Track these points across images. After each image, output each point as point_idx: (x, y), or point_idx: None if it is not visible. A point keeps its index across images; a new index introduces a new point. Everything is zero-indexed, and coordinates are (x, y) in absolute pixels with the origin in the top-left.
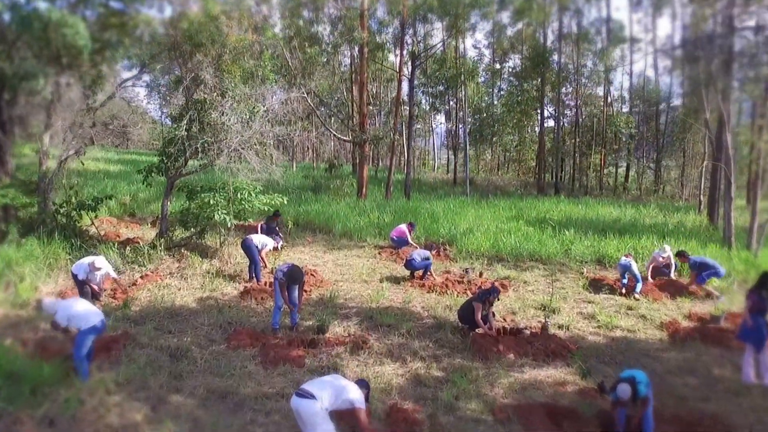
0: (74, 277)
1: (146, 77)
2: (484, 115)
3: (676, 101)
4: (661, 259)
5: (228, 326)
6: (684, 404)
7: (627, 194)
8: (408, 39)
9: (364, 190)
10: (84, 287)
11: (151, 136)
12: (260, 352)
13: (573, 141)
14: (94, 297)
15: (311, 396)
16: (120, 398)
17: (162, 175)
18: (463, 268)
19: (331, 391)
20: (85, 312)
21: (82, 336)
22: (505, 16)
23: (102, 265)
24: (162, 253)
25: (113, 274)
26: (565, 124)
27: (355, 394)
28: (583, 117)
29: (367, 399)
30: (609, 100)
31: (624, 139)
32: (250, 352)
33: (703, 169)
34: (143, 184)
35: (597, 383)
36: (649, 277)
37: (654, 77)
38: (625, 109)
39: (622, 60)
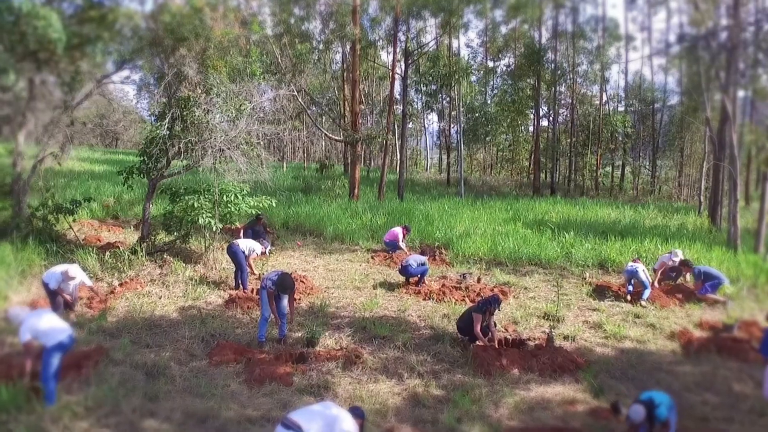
0: (45, 286)
1: (135, 76)
2: (477, 114)
3: (673, 100)
4: (670, 263)
5: (210, 339)
6: (705, 425)
7: (623, 194)
8: (401, 36)
9: (356, 191)
10: (56, 298)
11: (141, 135)
12: (245, 369)
13: (568, 140)
14: (67, 308)
15: (298, 428)
16: (88, 425)
17: (143, 176)
18: (460, 273)
19: (321, 423)
20: (51, 327)
21: (49, 354)
22: (498, 14)
23: (76, 273)
24: (143, 258)
25: (89, 283)
26: (560, 123)
27: (348, 426)
28: (579, 116)
29: (362, 429)
30: (605, 98)
31: (620, 139)
32: (234, 369)
33: (704, 169)
34: (123, 185)
35: (610, 403)
36: (656, 283)
37: (650, 75)
38: (621, 108)
39: (618, 58)
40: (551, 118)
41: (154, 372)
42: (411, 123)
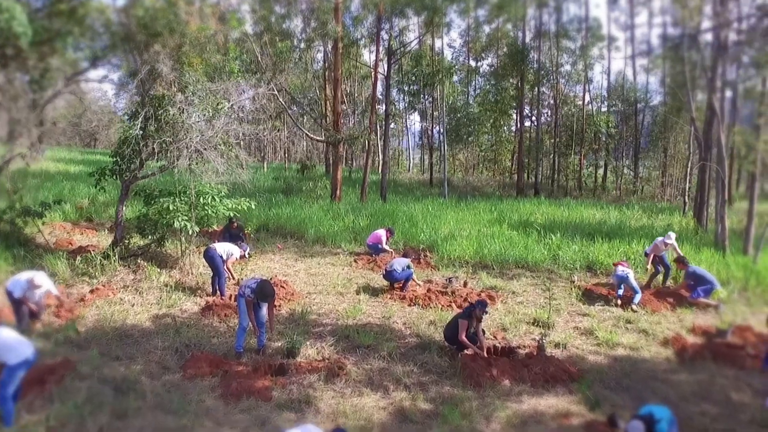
0: (9, 294)
1: (114, 75)
2: (459, 114)
3: (656, 100)
4: (664, 246)
5: (185, 350)
6: None
7: (606, 195)
8: (384, 34)
9: (338, 192)
10: (21, 307)
11: (117, 135)
12: (221, 383)
13: (552, 141)
14: (33, 317)
15: None
16: None
17: (116, 178)
18: (446, 278)
19: None
20: (15, 342)
21: (11, 372)
22: (481, 14)
23: (42, 282)
24: (116, 263)
25: (55, 291)
26: (543, 124)
27: None
28: (562, 116)
29: None
30: (588, 99)
31: (603, 139)
32: (209, 383)
33: (689, 169)
34: (95, 188)
35: (607, 416)
36: (649, 265)
37: (632, 76)
38: (604, 109)
39: (600, 58)
40: (533, 119)
41: (123, 387)
42: (393, 123)
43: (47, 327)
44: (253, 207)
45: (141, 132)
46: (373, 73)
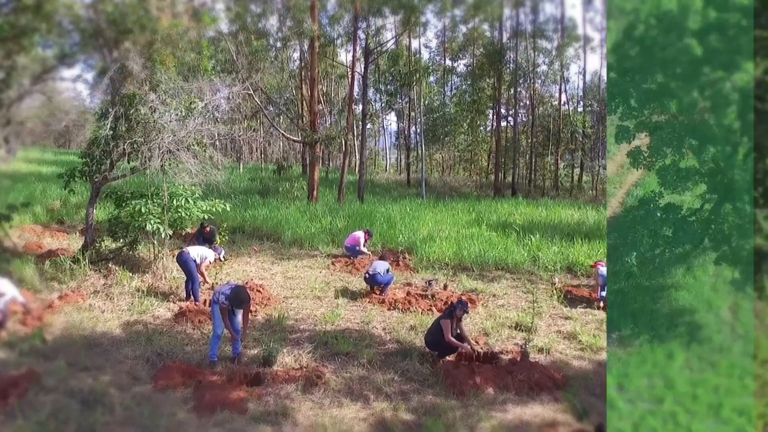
0: None
1: (88, 75)
2: (436, 114)
3: None
4: None
5: (157, 359)
6: None
7: (583, 195)
8: (361, 34)
9: (315, 193)
10: None
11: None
12: (194, 394)
13: (529, 141)
14: None
15: None
16: None
17: (86, 180)
18: (426, 280)
19: None
20: None
21: None
22: (458, 14)
23: (6, 289)
24: (86, 267)
25: (20, 299)
26: (519, 124)
27: None
28: (539, 116)
29: None
30: (564, 99)
31: (579, 139)
32: (182, 394)
33: None
34: (65, 190)
35: (594, 426)
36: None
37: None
38: (580, 109)
39: (577, 58)
40: (510, 119)
41: (91, 400)
42: (370, 123)
43: (12, 336)
44: (228, 209)
45: (111, 132)
46: (350, 73)
